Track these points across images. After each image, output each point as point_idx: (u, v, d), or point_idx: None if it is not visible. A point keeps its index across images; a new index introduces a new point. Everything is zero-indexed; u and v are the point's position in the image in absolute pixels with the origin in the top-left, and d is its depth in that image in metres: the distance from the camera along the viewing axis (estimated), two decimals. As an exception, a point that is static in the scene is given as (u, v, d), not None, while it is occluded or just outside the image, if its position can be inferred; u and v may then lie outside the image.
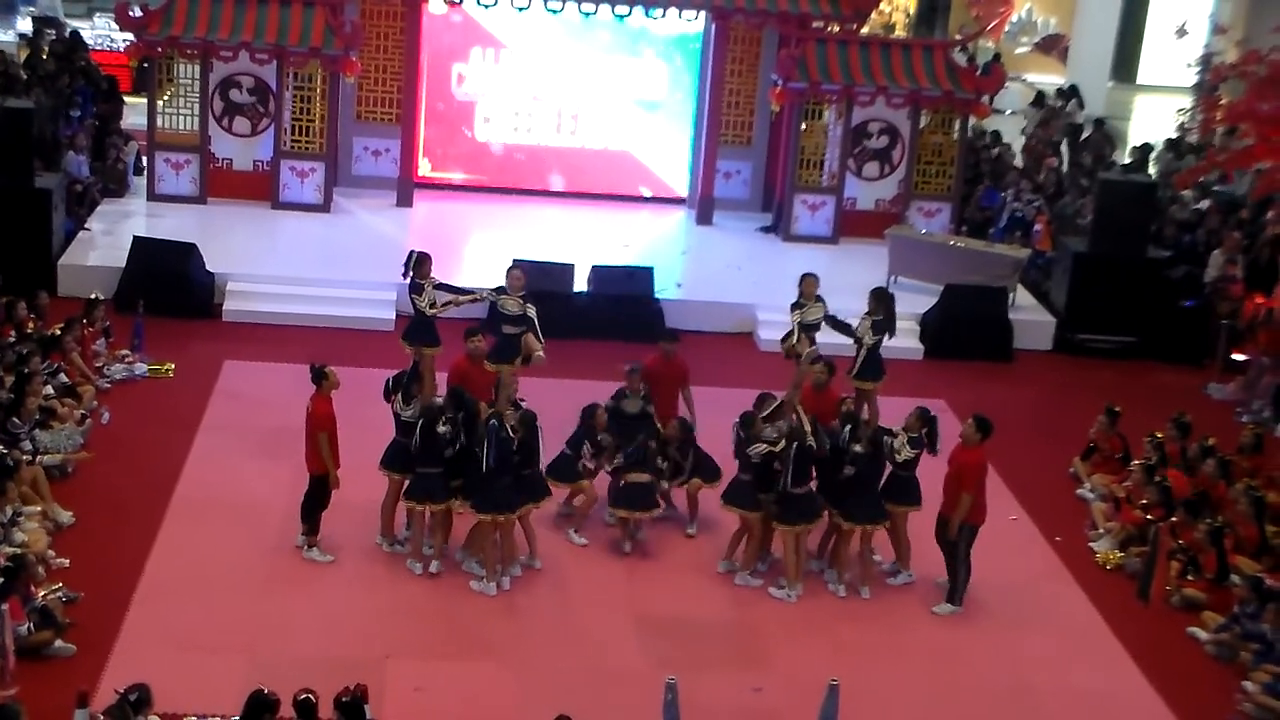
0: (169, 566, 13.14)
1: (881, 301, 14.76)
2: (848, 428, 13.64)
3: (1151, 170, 25.76)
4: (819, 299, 14.89)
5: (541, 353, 14.37)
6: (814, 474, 13.44)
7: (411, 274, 14.37)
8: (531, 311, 14.49)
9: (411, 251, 14.47)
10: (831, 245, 22.58)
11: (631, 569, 13.68)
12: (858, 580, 13.68)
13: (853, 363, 14.89)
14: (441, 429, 13.11)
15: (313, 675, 10.60)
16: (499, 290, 14.56)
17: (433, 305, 14.24)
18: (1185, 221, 22.80)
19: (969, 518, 13.28)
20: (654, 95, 23.57)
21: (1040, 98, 29.66)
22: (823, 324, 14.85)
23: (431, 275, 14.40)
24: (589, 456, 13.96)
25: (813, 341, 14.64)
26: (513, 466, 13.08)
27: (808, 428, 13.36)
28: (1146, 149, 26.61)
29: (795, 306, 14.96)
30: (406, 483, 13.36)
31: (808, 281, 14.98)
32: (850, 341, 14.96)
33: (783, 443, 13.21)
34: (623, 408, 14.33)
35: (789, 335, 14.92)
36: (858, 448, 13.41)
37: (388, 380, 13.64)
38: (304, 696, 9.91)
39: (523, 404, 13.44)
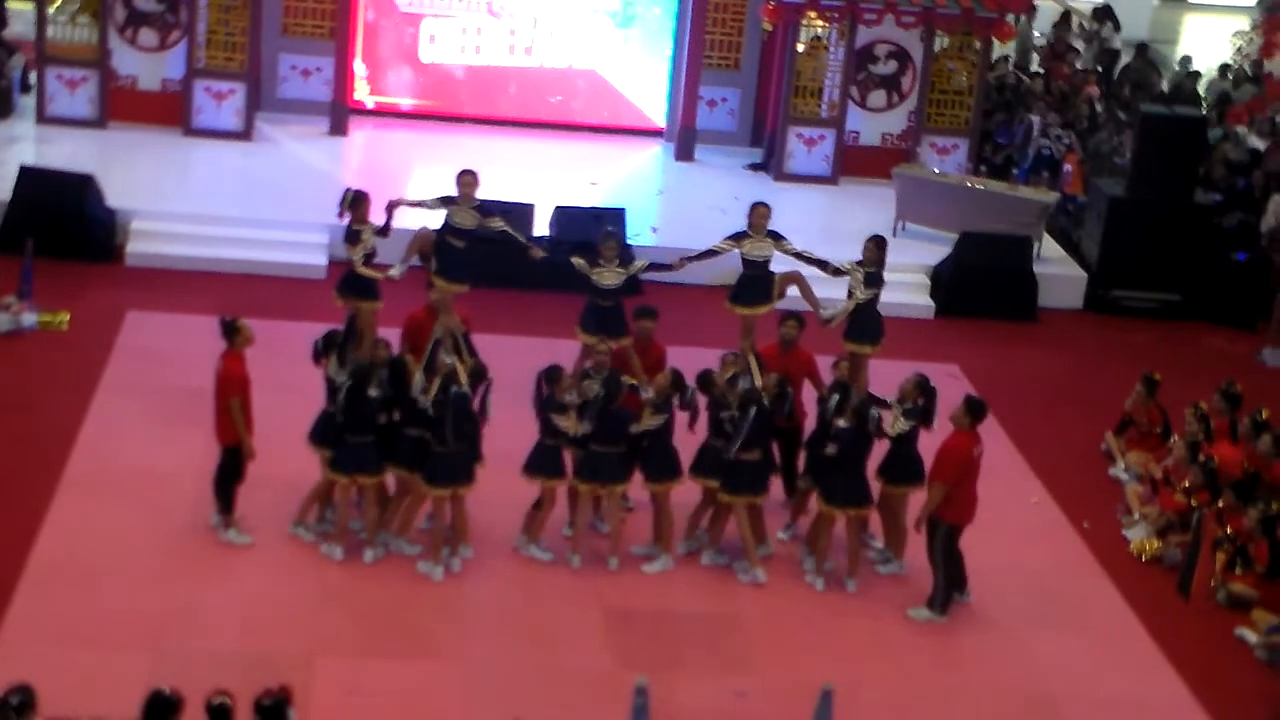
0: (60, 549, 13.09)
1: (881, 250, 14.45)
2: (835, 398, 13.72)
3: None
4: (770, 234, 14.55)
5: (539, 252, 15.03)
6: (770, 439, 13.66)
7: (349, 216, 14.20)
8: (498, 223, 14.38)
9: (347, 189, 14.34)
10: (831, 186, 22.61)
11: (598, 555, 13.72)
12: (843, 571, 13.75)
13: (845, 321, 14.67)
14: (373, 393, 13.11)
15: (228, 675, 10.59)
16: (446, 199, 14.40)
17: (367, 260, 14.05)
18: (1238, 162, 22.88)
19: (946, 514, 13.20)
20: (626, 9, 23.50)
21: (1066, 17, 29.68)
22: (772, 260, 14.59)
23: (370, 220, 14.25)
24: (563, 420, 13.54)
25: (762, 278, 14.47)
26: (470, 434, 13.15)
27: (758, 381, 13.55)
28: (1194, 76, 26.65)
29: (735, 236, 14.59)
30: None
31: (758, 211, 14.61)
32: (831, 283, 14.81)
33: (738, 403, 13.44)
34: (599, 282, 14.20)
35: (704, 254, 14.74)
36: (842, 422, 13.47)
37: (317, 341, 13.59)
38: (219, 700, 9.89)
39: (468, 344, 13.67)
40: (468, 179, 14.36)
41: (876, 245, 14.45)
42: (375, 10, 23.07)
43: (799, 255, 14.59)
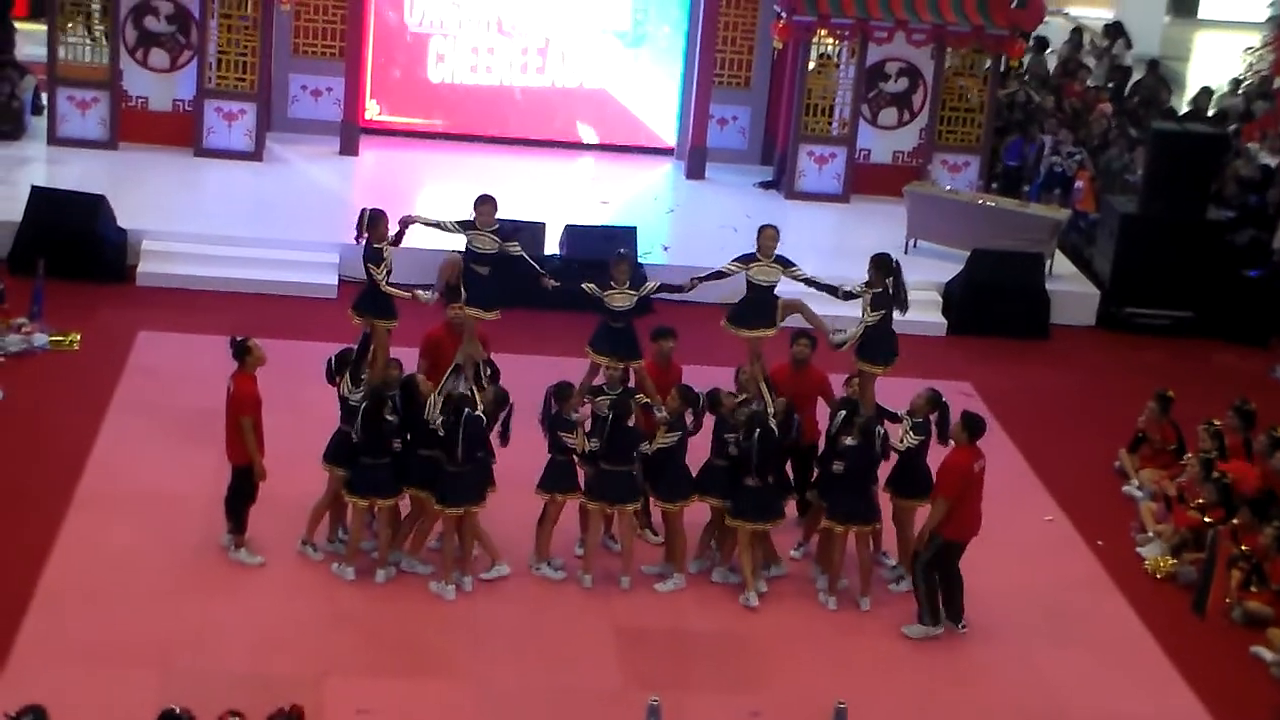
0: (72, 569, 13.10)
1: (882, 270, 14.07)
2: (841, 414, 13.70)
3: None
4: (779, 259, 14.28)
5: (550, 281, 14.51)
6: (781, 464, 13.66)
7: (367, 236, 14.12)
8: (516, 249, 14.21)
9: (364, 210, 14.26)
10: (842, 204, 22.62)
11: (609, 574, 13.70)
12: (856, 589, 13.73)
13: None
14: (389, 417, 13.10)
15: (240, 694, 10.61)
16: (465, 224, 14.24)
17: (390, 277, 13.96)
18: (1250, 179, 22.85)
19: (945, 530, 13.11)
20: (636, 28, 23.53)
21: (1077, 34, 29.67)
22: (778, 285, 14.34)
23: (389, 237, 14.19)
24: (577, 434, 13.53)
25: (765, 302, 14.23)
26: (482, 457, 13.17)
27: (771, 409, 13.54)
28: (1208, 93, 26.61)
29: (744, 259, 14.33)
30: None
31: (766, 234, 14.34)
32: (837, 302, 14.55)
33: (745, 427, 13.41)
34: (611, 304, 14.14)
35: (712, 275, 14.48)
36: (849, 440, 13.45)
37: (330, 359, 13.61)
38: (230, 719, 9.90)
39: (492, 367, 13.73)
40: (486, 207, 14.07)
41: (873, 265, 14.09)
42: (385, 30, 23.11)
43: (808, 281, 14.39)
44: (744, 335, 14.36)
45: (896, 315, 14.13)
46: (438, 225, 14.22)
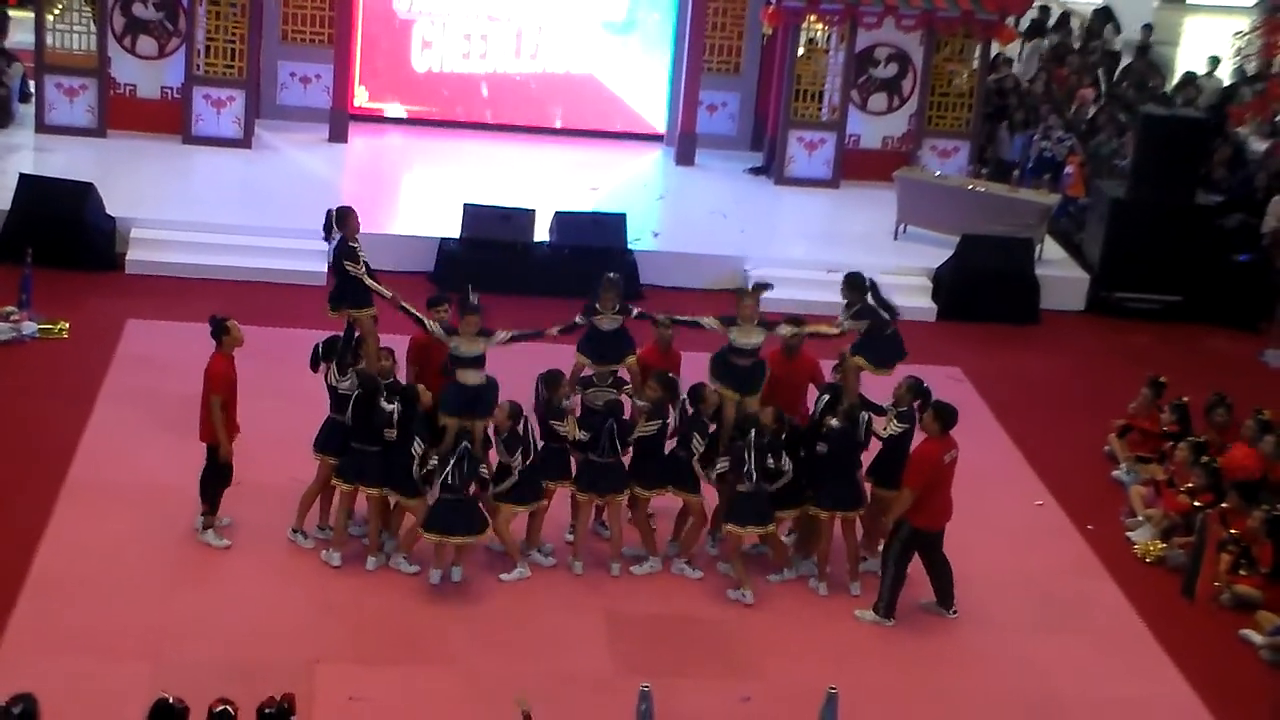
0: (62, 558, 13.08)
1: (856, 290, 14.02)
2: (825, 398, 13.71)
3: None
4: (762, 323, 13.94)
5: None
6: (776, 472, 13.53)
7: (338, 234, 14.01)
8: (502, 337, 13.96)
9: (330, 209, 14.20)
10: (832, 189, 22.61)
11: (600, 560, 13.71)
12: (846, 575, 13.73)
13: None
14: (387, 406, 13.05)
15: (231, 683, 10.60)
16: (450, 331, 13.90)
17: (370, 274, 13.80)
18: (1240, 162, 22.87)
19: (913, 518, 13.06)
20: (626, 15, 23.50)
21: (1065, 19, 29.68)
22: (762, 348, 14.01)
23: (359, 235, 14.06)
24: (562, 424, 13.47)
25: (751, 368, 13.94)
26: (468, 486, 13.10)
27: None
28: (1192, 79, 26.64)
29: (725, 321, 14.01)
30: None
31: (745, 303, 14.02)
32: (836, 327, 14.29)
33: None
34: (598, 325, 13.98)
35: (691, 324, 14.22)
36: (833, 421, 13.45)
37: (316, 347, 13.57)
38: (221, 708, 9.89)
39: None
40: (471, 319, 13.82)
41: (846, 285, 14.11)
42: (374, 17, 23.07)
43: (796, 333, 14.07)
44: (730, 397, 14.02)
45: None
46: (422, 326, 13.91)
